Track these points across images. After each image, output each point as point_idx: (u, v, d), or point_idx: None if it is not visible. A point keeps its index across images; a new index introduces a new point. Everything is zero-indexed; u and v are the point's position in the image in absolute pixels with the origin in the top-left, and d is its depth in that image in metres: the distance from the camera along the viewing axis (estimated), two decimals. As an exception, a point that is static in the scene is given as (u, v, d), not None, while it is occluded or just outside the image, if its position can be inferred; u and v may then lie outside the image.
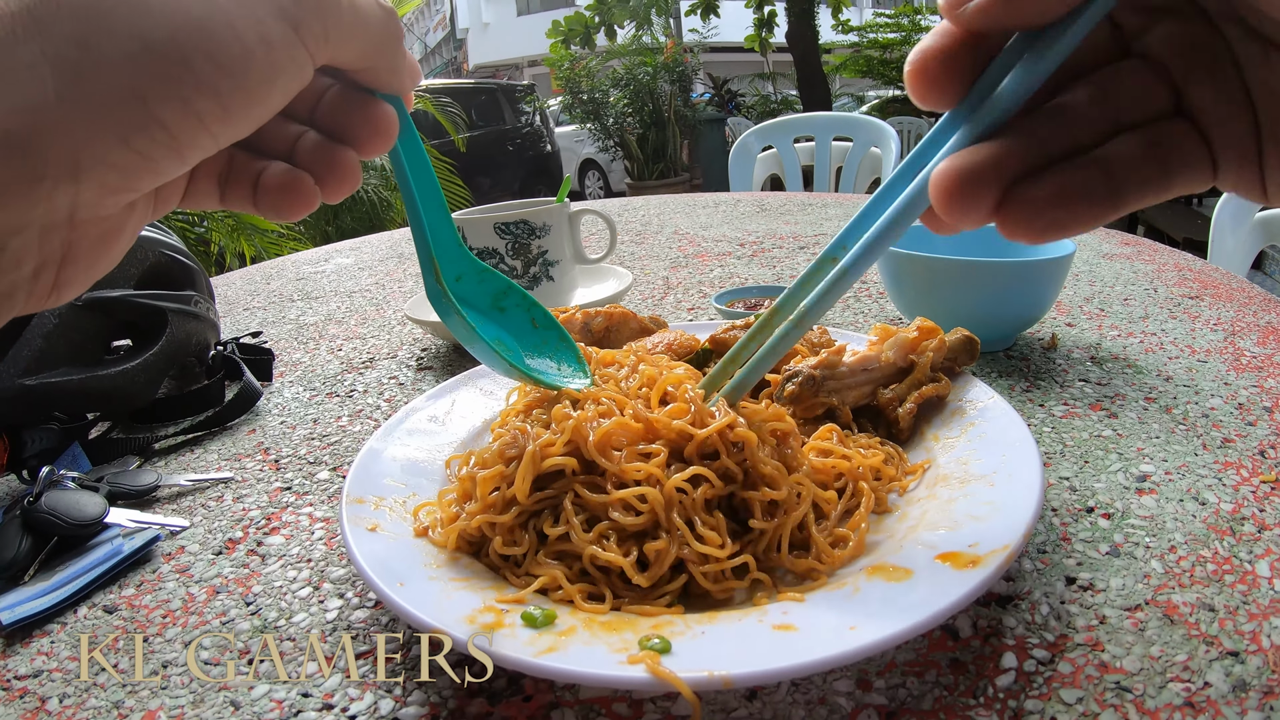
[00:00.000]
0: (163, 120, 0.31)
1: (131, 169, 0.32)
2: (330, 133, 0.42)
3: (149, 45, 0.30)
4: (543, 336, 0.62)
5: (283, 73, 0.34)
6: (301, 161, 0.41)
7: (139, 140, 0.31)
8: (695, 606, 0.49)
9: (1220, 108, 0.34)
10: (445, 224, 0.53)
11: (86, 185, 0.31)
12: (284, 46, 0.34)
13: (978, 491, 0.54)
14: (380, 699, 0.47)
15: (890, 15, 14.69)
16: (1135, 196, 0.34)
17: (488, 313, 0.60)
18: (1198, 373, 0.84)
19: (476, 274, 0.58)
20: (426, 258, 0.51)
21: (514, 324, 0.61)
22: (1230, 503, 0.60)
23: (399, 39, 0.40)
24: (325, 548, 0.64)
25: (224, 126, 0.33)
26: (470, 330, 0.52)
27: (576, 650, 0.42)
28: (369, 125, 0.41)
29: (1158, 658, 0.45)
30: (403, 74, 0.42)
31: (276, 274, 1.75)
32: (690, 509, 0.51)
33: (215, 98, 0.32)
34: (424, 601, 0.46)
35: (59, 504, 0.65)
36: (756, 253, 1.54)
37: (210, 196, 0.41)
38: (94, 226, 0.34)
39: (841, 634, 0.41)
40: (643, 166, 10.19)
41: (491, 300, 0.60)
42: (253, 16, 0.33)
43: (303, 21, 0.34)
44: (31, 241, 0.32)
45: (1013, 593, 0.51)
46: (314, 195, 0.41)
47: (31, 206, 0.31)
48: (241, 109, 0.33)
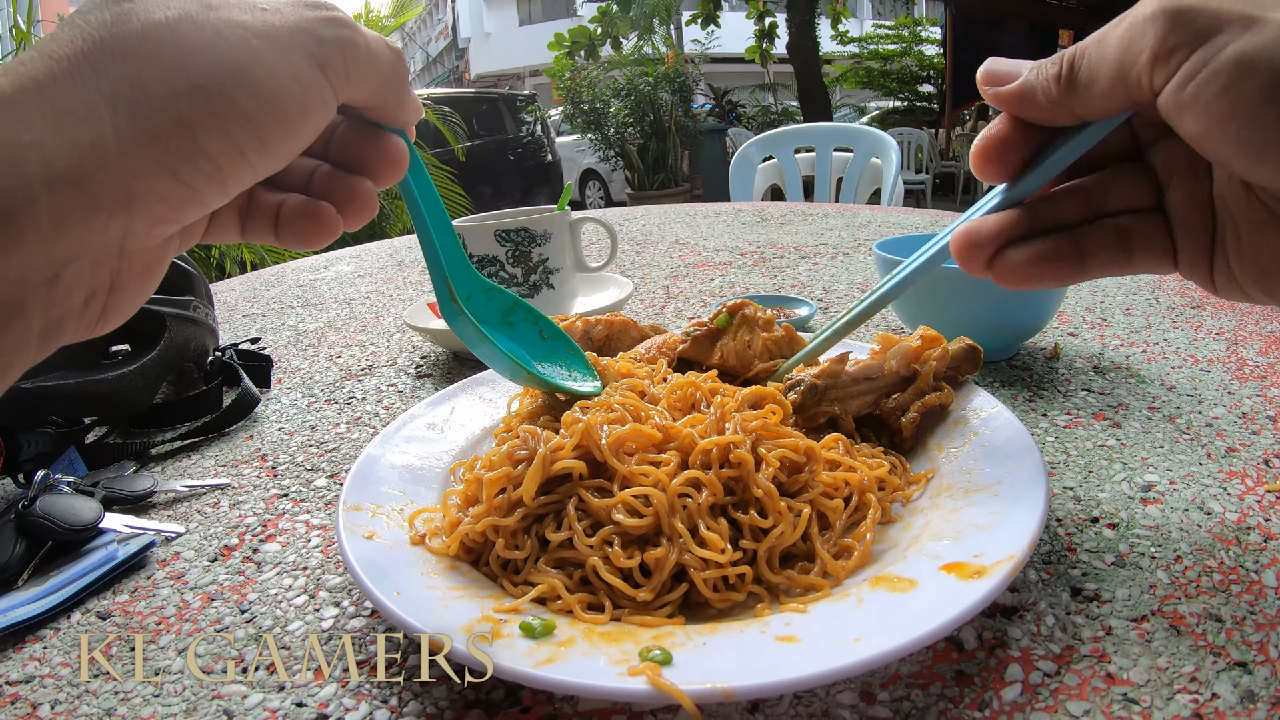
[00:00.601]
0: (209, 152, 0.34)
1: (179, 200, 0.35)
2: (345, 166, 0.45)
3: (196, 84, 0.33)
4: (552, 347, 0.66)
5: (313, 109, 0.38)
6: (318, 193, 0.45)
7: (187, 172, 0.34)
8: (696, 617, 0.48)
9: (1188, 211, 0.44)
10: (454, 246, 0.56)
11: (138, 216, 0.34)
12: (313, 84, 0.37)
13: (982, 501, 0.54)
14: (375, 709, 0.46)
15: (890, 27, 14.77)
16: (1099, 270, 0.46)
17: (498, 328, 0.63)
18: (1201, 382, 0.83)
19: (485, 292, 0.61)
20: (440, 279, 0.54)
21: (523, 337, 0.64)
22: (1235, 512, 0.59)
23: (405, 78, 0.44)
24: (322, 555, 0.63)
25: (261, 159, 0.37)
26: (489, 343, 0.56)
27: (576, 661, 0.42)
28: (383, 157, 0.45)
29: (1165, 669, 0.45)
30: (409, 109, 0.45)
31: (276, 281, 1.74)
32: (695, 513, 0.51)
33: (255, 131, 0.35)
34: (421, 611, 0.46)
35: (54, 508, 0.64)
36: (757, 262, 1.54)
37: (232, 230, 0.44)
38: (140, 258, 0.37)
39: (845, 645, 0.41)
40: (643, 177, 10.22)
41: (501, 316, 0.63)
42: (286, 58, 0.36)
43: (329, 62, 0.38)
44: (84, 271, 0.35)
45: (1018, 604, 0.51)
46: (336, 222, 0.44)
47: (87, 236, 0.33)
48: (278, 142, 0.37)
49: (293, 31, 0.37)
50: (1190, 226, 0.44)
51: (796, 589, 0.50)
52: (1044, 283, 0.46)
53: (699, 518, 0.51)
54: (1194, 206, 0.44)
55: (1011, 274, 0.46)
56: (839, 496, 0.57)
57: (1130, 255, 0.45)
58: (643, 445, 0.55)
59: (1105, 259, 0.45)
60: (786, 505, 0.53)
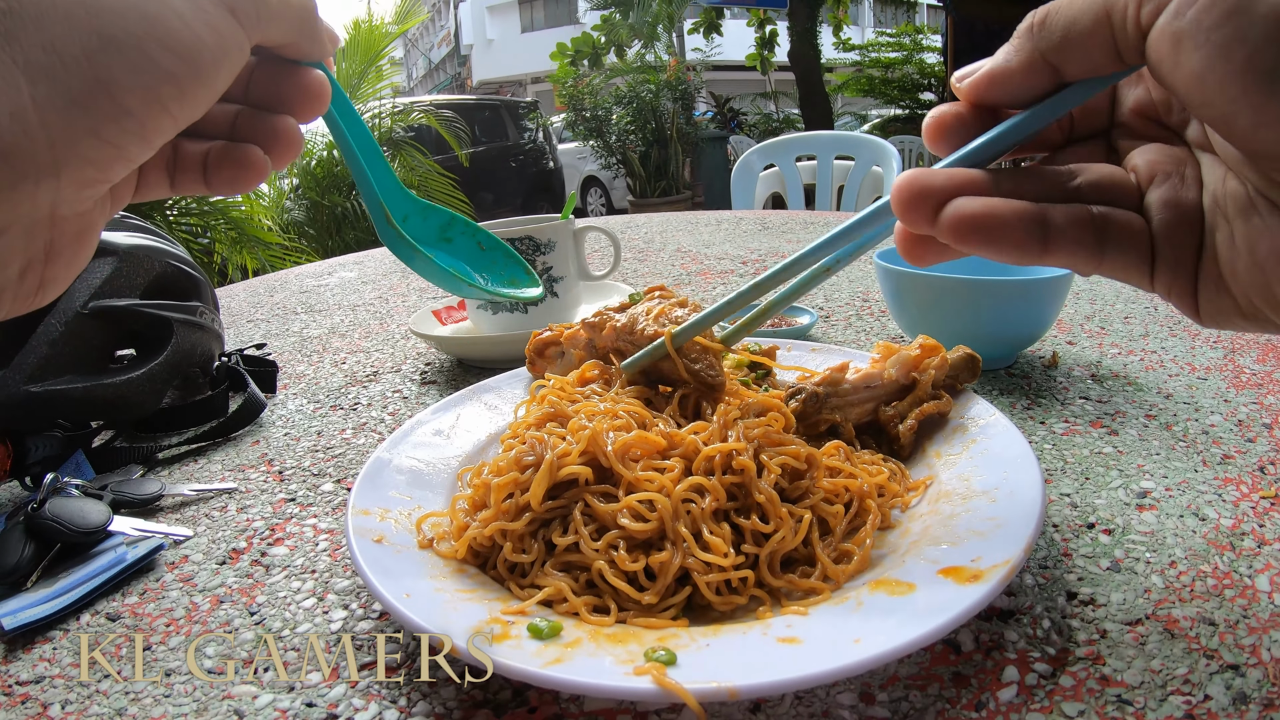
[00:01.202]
0: (129, 108, 0.34)
1: (105, 160, 0.34)
2: (267, 106, 0.44)
3: (109, 40, 0.33)
4: (491, 257, 0.66)
5: (227, 54, 0.37)
6: (243, 136, 0.44)
7: (110, 130, 0.34)
8: (699, 620, 0.49)
9: (1172, 214, 0.37)
10: (385, 170, 0.56)
11: (66, 181, 0.34)
12: (227, 29, 0.37)
13: (979, 507, 0.54)
14: (385, 709, 0.47)
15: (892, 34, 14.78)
16: (1062, 253, 0.37)
17: (436, 244, 0.64)
18: (1198, 390, 0.84)
19: (420, 211, 0.62)
20: (376, 204, 0.54)
21: (463, 251, 0.65)
22: (1230, 518, 0.60)
23: (315, 12, 0.43)
24: (330, 559, 0.64)
25: (182, 108, 0.36)
26: (428, 260, 0.56)
27: (583, 661, 0.43)
28: (304, 92, 0.44)
29: (1158, 671, 0.45)
30: (324, 41, 0.44)
31: (280, 287, 1.75)
32: (699, 518, 0.52)
33: (173, 82, 0.35)
34: (430, 613, 0.46)
35: (63, 511, 0.65)
36: (759, 270, 1.55)
37: (161, 186, 0.44)
38: (72, 223, 0.37)
39: (846, 646, 0.42)
40: (645, 184, 10.23)
41: (438, 233, 0.64)
42: (197, 6, 0.36)
43: (238, 6, 0.37)
44: (17, 242, 0.35)
45: (1014, 607, 0.51)
46: (264, 163, 0.43)
47: (15, 206, 0.33)
48: (195, 90, 0.36)
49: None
50: (1174, 231, 0.37)
51: (797, 592, 0.51)
52: (997, 247, 0.37)
53: (702, 522, 0.52)
54: (1178, 210, 0.38)
55: (961, 226, 0.37)
56: (839, 502, 0.57)
57: (1102, 249, 0.37)
58: (647, 451, 0.56)
59: (1072, 242, 0.37)
60: (788, 511, 0.54)
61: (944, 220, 0.37)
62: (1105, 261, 0.37)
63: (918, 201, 0.38)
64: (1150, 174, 0.39)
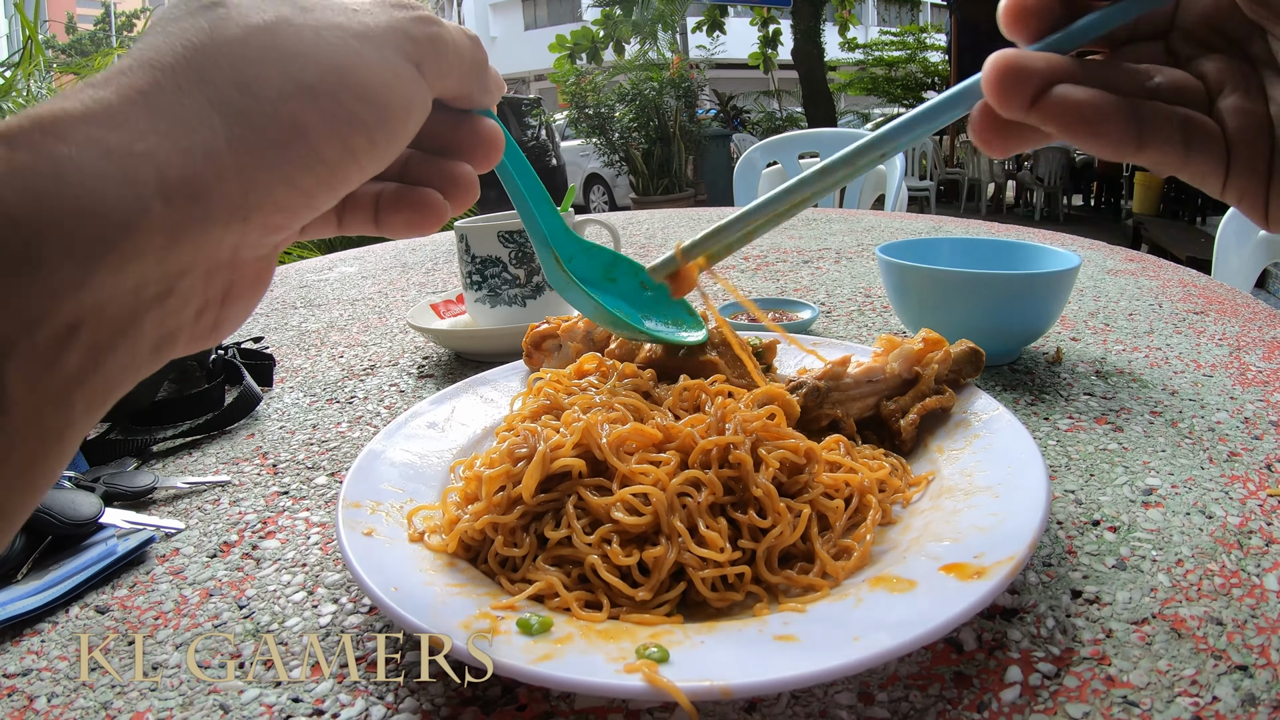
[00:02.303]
0: (323, 156, 0.34)
1: (294, 207, 0.35)
2: (441, 152, 0.45)
3: (304, 86, 0.33)
4: (655, 298, 0.67)
5: (413, 106, 0.38)
6: (419, 179, 0.45)
7: (302, 178, 0.34)
8: (694, 616, 0.48)
9: (1243, 120, 0.37)
10: (552, 213, 0.57)
11: (254, 225, 0.33)
12: (413, 82, 0.38)
13: (982, 503, 0.53)
14: (372, 705, 0.46)
15: (895, 33, 14.78)
16: (1154, 150, 0.37)
17: (600, 284, 0.64)
18: (1203, 387, 0.83)
19: (585, 252, 0.62)
20: (545, 247, 0.56)
21: (626, 291, 0.65)
22: (1237, 516, 0.59)
23: (486, 64, 0.44)
24: (321, 553, 0.63)
25: (370, 159, 0.37)
26: (594, 303, 0.58)
27: (573, 658, 0.42)
28: (480, 140, 0.45)
29: (1165, 672, 0.45)
30: (494, 91, 0.46)
31: (280, 281, 1.74)
32: (695, 512, 0.51)
33: (365, 132, 0.36)
34: (419, 607, 0.46)
35: (54, 503, 0.64)
36: (760, 266, 1.54)
37: (330, 224, 0.44)
38: (252, 266, 0.37)
39: (844, 645, 0.41)
40: (647, 181, 10.22)
41: (603, 273, 0.64)
42: (385, 58, 0.36)
43: (423, 60, 0.38)
44: (198, 283, 0.34)
45: (1018, 606, 0.51)
46: (443, 207, 0.44)
47: (202, 248, 0.32)
48: (385, 141, 0.37)
49: (387, 31, 0.37)
50: (1249, 138, 0.37)
51: (795, 589, 0.50)
52: (1097, 138, 0.36)
53: (698, 517, 0.51)
54: (1252, 118, 0.37)
55: (1065, 113, 0.36)
56: (839, 497, 0.56)
57: (1188, 150, 0.37)
58: (643, 444, 0.55)
59: (1162, 141, 0.37)
60: (786, 506, 0.53)
61: (1049, 105, 0.36)
62: (1190, 163, 0.37)
63: (1017, 84, 0.36)
64: (1219, 82, 0.38)
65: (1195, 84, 0.39)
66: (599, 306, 0.58)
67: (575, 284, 0.56)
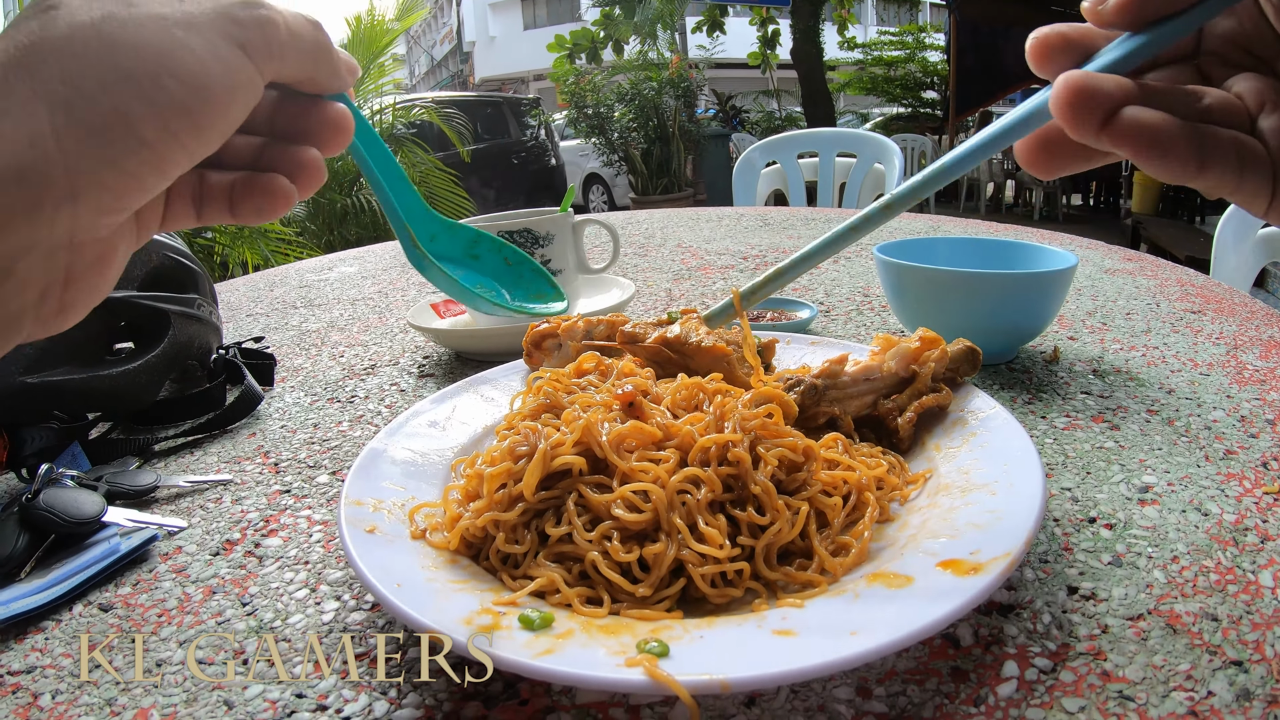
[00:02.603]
0: (145, 139, 0.36)
1: (122, 189, 0.36)
2: (291, 138, 0.46)
3: (125, 73, 0.35)
4: (517, 272, 0.69)
5: (240, 88, 0.39)
6: (268, 166, 0.46)
7: (128, 160, 0.36)
8: (693, 613, 0.48)
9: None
10: (409, 192, 0.57)
11: (83, 207, 0.35)
12: (237, 65, 0.39)
13: (979, 500, 0.54)
14: (375, 701, 0.46)
15: (894, 33, 14.77)
16: (1213, 174, 0.37)
17: (463, 261, 0.65)
18: (1200, 386, 0.84)
19: (447, 230, 0.63)
20: (401, 227, 0.56)
21: (489, 267, 0.67)
22: (1233, 514, 0.60)
23: (330, 47, 0.45)
24: (323, 550, 0.63)
25: (196, 141, 0.38)
26: (454, 283, 0.58)
27: (574, 652, 0.42)
28: (328, 124, 0.46)
29: (1160, 667, 0.45)
30: (342, 74, 0.46)
31: (280, 281, 1.75)
32: (694, 509, 0.51)
33: (187, 115, 0.37)
34: (422, 603, 0.46)
35: (57, 501, 0.64)
36: (759, 266, 1.54)
37: (188, 216, 0.45)
38: (90, 249, 0.39)
39: (842, 639, 0.41)
40: (647, 181, 10.22)
41: (465, 250, 0.66)
42: (207, 41, 0.37)
43: (249, 42, 0.39)
44: (36, 265, 0.36)
45: (1014, 601, 0.51)
46: (290, 192, 0.45)
47: (34, 230, 0.35)
48: (209, 123, 0.38)
49: (211, 17, 0.38)
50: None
51: (794, 585, 0.50)
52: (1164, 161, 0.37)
53: (697, 514, 0.51)
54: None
55: (1137, 136, 0.36)
56: (837, 495, 0.57)
57: (1242, 174, 0.37)
58: (642, 442, 0.56)
59: (1221, 165, 0.37)
60: (784, 503, 0.53)
61: (1121, 127, 0.36)
62: (1243, 186, 0.37)
63: (1091, 106, 0.37)
64: (1258, 102, 0.39)
65: (1239, 105, 0.39)
66: (457, 284, 0.58)
67: (432, 262, 0.56)
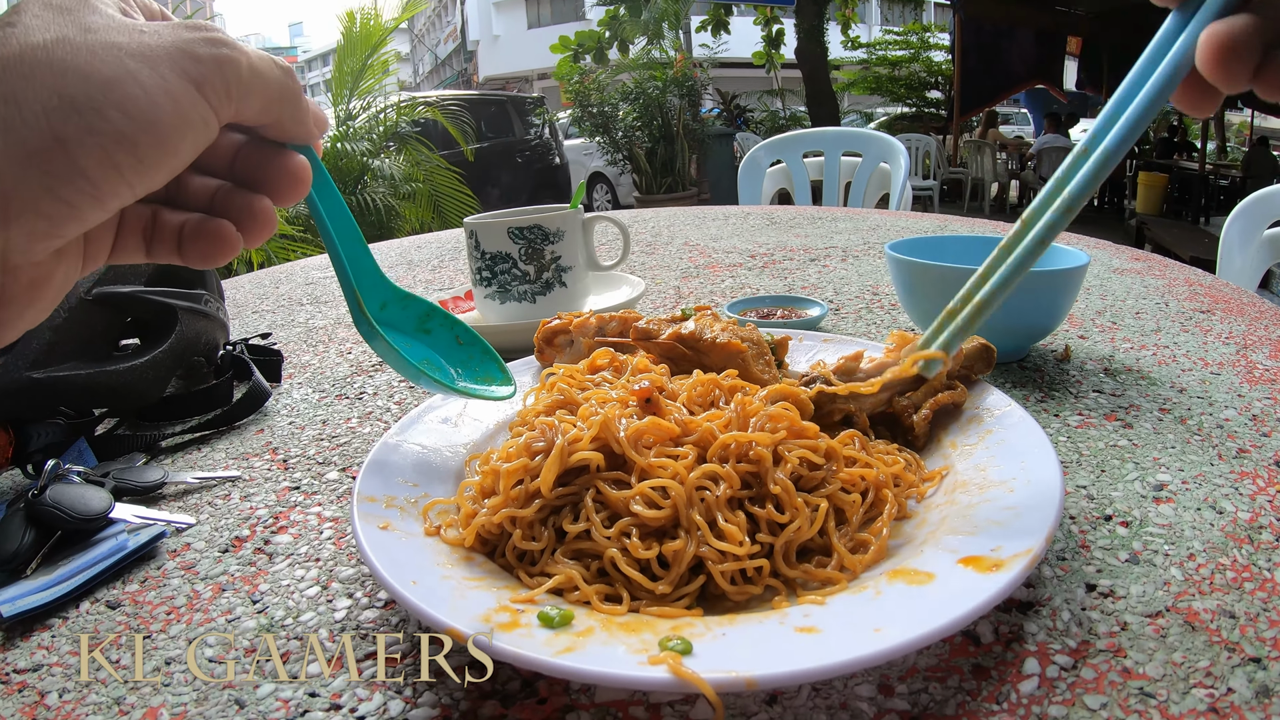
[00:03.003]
0: (84, 169, 0.35)
1: (58, 216, 0.35)
2: (248, 184, 0.45)
3: (68, 100, 0.34)
4: (468, 352, 0.66)
5: (190, 125, 0.38)
6: (220, 210, 0.45)
7: (63, 189, 0.35)
8: (713, 609, 0.48)
9: None
10: (364, 256, 0.56)
11: (16, 231, 0.34)
12: (189, 102, 0.37)
13: (997, 497, 0.54)
14: (390, 700, 0.46)
15: (899, 33, 14.76)
16: None
17: (414, 335, 0.63)
18: (1211, 385, 0.83)
19: (399, 300, 0.61)
20: (350, 292, 0.54)
21: (440, 343, 0.64)
22: (1248, 511, 0.59)
23: (298, 94, 0.44)
24: (334, 547, 0.63)
25: (139, 176, 0.37)
26: (396, 354, 0.56)
27: (595, 650, 0.42)
28: (284, 175, 0.45)
29: (1180, 664, 0.45)
30: (308, 124, 0.45)
31: (286, 278, 1.75)
32: (713, 506, 0.51)
33: (131, 148, 0.35)
34: (438, 600, 0.45)
35: (64, 498, 0.64)
36: (767, 264, 1.54)
37: (137, 251, 0.44)
38: (25, 272, 0.37)
39: (866, 636, 0.41)
40: (651, 180, 10.21)
41: (416, 323, 0.63)
42: (160, 76, 0.36)
43: (205, 80, 0.38)
44: None
45: (1033, 599, 0.51)
46: (235, 240, 0.44)
47: None
48: (154, 159, 0.37)
49: (169, 51, 0.37)
50: None
51: (813, 583, 0.50)
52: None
53: (717, 510, 0.51)
54: None
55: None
56: (855, 492, 0.56)
57: None
58: (660, 439, 0.55)
59: None
60: (803, 500, 0.53)
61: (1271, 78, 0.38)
62: None
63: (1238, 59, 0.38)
64: None
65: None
66: (402, 359, 0.56)
67: (378, 332, 0.54)
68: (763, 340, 0.70)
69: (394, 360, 0.56)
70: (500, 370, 0.65)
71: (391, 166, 5.37)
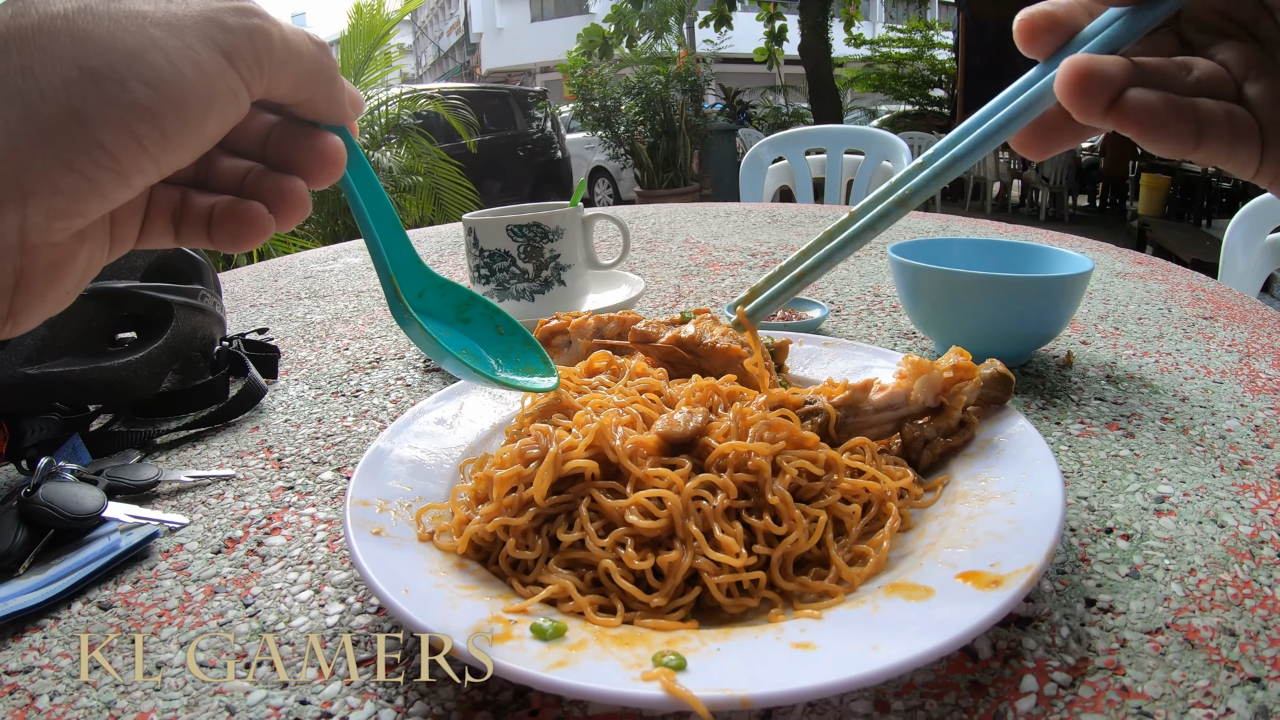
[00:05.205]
0: (103, 142, 0.33)
1: (77, 192, 0.34)
2: (280, 166, 0.44)
3: (89, 72, 0.32)
4: (508, 342, 0.64)
5: (218, 99, 0.36)
6: (251, 192, 0.43)
7: (82, 163, 0.33)
8: (709, 621, 0.48)
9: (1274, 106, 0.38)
10: (402, 243, 0.54)
11: (34, 209, 0.33)
12: (217, 73, 0.36)
13: (998, 509, 0.53)
14: (381, 709, 0.46)
15: (902, 30, 14.74)
16: (1209, 146, 0.38)
17: (453, 324, 0.61)
18: (1214, 394, 0.83)
19: (438, 288, 0.59)
20: (386, 277, 0.52)
21: (480, 333, 0.63)
22: (1249, 526, 0.59)
23: (333, 71, 0.42)
24: (327, 550, 0.62)
25: (164, 151, 0.35)
26: (434, 342, 0.54)
27: (588, 665, 0.41)
28: (317, 156, 0.43)
29: (1179, 683, 0.44)
30: (343, 104, 0.43)
31: (284, 271, 1.74)
32: (710, 516, 0.51)
33: (153, 121, 0.34)
34: (429, 610, 0.45)
35: (56, 496, 0.64)
36: (768, 263, 1.53)
37: (166, 235, 0.43)
38: (45, 253, 0.36)
39: (863, 653, 0.40)
40: (653, 175, 10.21)
41: (455, 312, 0.61)
42: (187, 46, 0.35)
43: (235, 50, 0.36)
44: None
45: (1032, 614, 0.50)
46: (268, 222, 0.43)
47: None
48: (179, 134, 0.35)
49: (196, 20, 0.36)
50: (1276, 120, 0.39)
51: (810, 595, 0.50)
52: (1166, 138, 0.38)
53: (713, 521, 0.50)
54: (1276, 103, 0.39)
55: (1142, 116, 0.38)
56: (857, 503, 0.56)
57: (1234, 144, 0.38)
58: (654, 449, 0.55)
59: (1215, 137, 0.38)
60: (801, 512, 0.53)
61: (1126, 108, 0.38)
62: (1234, 155, 0.39)
63: (1096, 89, 0.38)
64: (1243, 69, 0.40)
65: (1224, 74, 0.40)
66: (438, 345, 0.54)
67: (415, 320, 0.53)
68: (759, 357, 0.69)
69: (431, 348, 0.54)
70: (542, 361, 0.64)
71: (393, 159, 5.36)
